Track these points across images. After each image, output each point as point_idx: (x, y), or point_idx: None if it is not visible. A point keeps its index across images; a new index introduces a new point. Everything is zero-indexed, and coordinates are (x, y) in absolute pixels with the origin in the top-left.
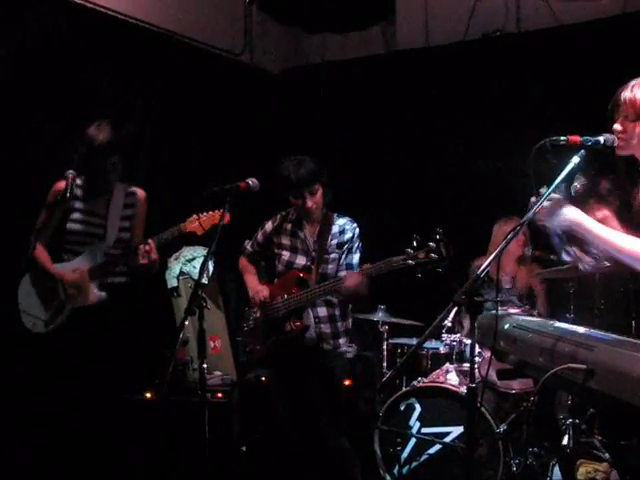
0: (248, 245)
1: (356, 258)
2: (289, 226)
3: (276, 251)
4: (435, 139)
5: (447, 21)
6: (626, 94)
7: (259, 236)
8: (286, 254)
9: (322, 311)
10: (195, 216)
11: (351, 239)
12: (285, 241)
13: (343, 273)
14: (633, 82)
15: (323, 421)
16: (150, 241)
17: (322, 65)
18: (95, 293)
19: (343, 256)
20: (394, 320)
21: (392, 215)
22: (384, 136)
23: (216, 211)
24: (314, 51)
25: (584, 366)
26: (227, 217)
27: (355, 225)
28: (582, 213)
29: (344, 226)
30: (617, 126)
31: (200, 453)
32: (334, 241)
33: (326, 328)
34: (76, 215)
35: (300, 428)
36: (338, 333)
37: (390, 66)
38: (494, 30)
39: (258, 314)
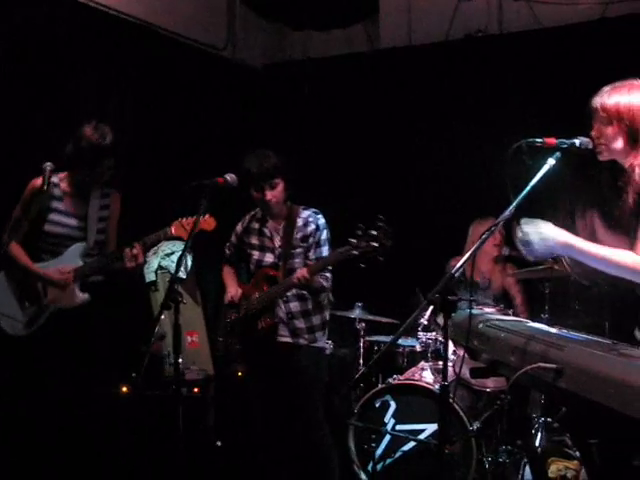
0: (226, 249)
1: (325, 251)
2: (256, 225)
3: (248, 251)
4: (417, 137)
5: (430, 20)
6: (599, 100)
7: (232, 238)
8: (255, 253)
9: (295, 306)
10: (183, 220)
11: (315, 231)
12: (254, 240)
13: None
14: (606, 88)
15: (302, 418)
16: (136, 245)
17: (305, 62)
18: (79, 294)
19: (311, 250)
20: (371, 318)
21: (371, 212)
22: (366, 133)
23: (201, 215)
24: (297, 47)
25: (554, 365)
26: (212, 222)
27: (319, 216)
28: (565, 232)
29: (307, 218)
30: (593, 132)
31: (175, 447)
32: (299, 234)
33: (300, 323)
34: (55, 216)
35: (277, 424)
36: (313, 327)
37: (373, 64)
38: (476, 31)
39: (237, 313)
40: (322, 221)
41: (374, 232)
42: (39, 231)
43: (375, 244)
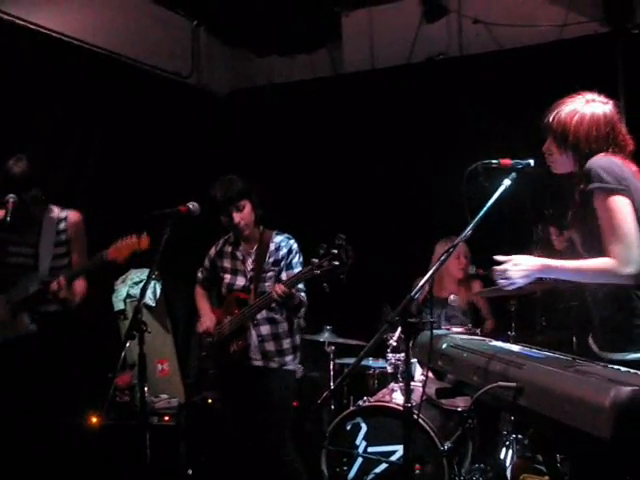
0: (199, 272)
1: (297, 271)
2: (229, 248)
3: (220, 275)
4: (381, 159)
5: (392, 45)
6: (548, 116)
7: (206, 262)
8: (227, 277)
9: (265, 329)
10: (117, 243)
11: (287, 255)
12: (226, 264)
13: None
14: (556, 104)
15: (270, 440)
16: (61, 278)
17: (269, 87)
18: (24, 324)
19: (283, 272)
20: (340, 340)
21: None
22: (330, 156)
23: (133, 236)
24: (262, 74)
25: (513, 384)
26: (145, 241)
27: (292, 241)
28: (539, 258)
29: (280, 243)
30: (544, 147)
31: (142, 477)
32: (271, 259)
33: (270, 346)
34: (10, 247)
35: (246, 446)
36: (283, 350)
37: (336, 88)
38: (437, 54)
39: (212, 339)
40: (295, 246)
41: (335, 251)
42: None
43: (336, 262)
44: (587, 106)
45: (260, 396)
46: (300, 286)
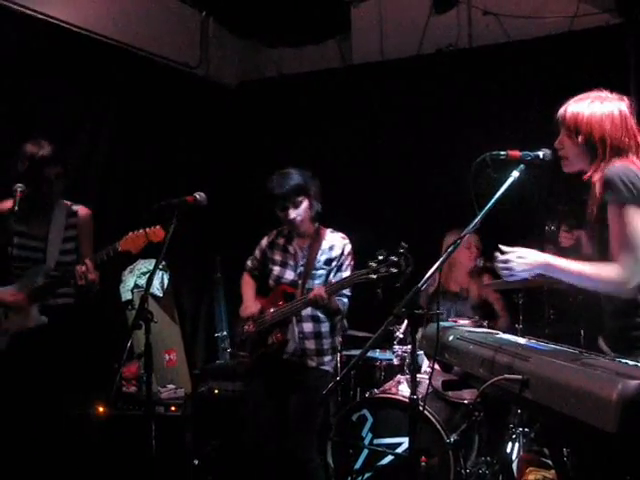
0: (249, 261)
1: (345, 276)
2: (282, 241)
3: (269, 266)
4: (389, 151)
5: (401, 36)
6: (562, 112)
7: (256, 252)
8: (276, 269)
9: (308, 327)
10: (130, 234)
11: (339, 256)
12: (277, 256)
13: None
14: (571, 100)
15: (295, 435)
16: (87, 261)
17: (278, 78)
18: (34, 316)
19: (332, 273)
20: (348, 332)
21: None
22: (339, 149)
23: (152, 227)
24: (270, 64)
25: (519, 377)
26: (159, 233)
27: (346, 242)
28: (543, 254)
29: (334, 242)
30: (556, 143)
31: (148, 467)
32: (323, 257)
33: (310, 344)
34: (19, 239)
35: (270, 440)
36: (323, 350)
37: (345, 79)
38: (447, 45)
39: (250, 326)
40: (348, 247)
41: (395, 258)
42: (7, 255)
43: (394, 270)
44: (601, 102)
45: (294, 392)
46: (345, 291)
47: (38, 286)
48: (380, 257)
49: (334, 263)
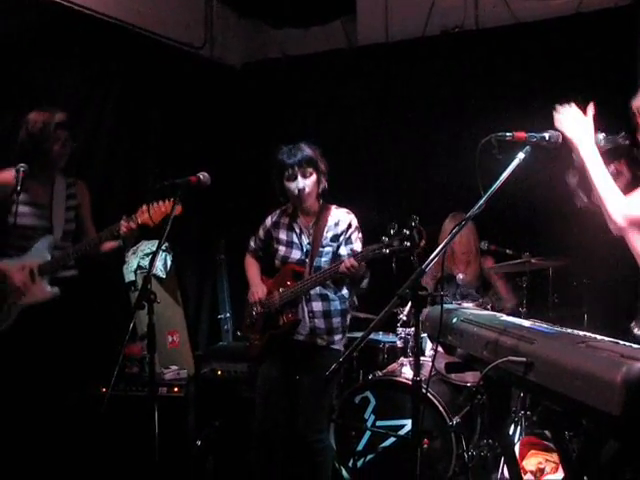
0: (252, 241)
1: (357, 247)
2: (286, 220)
3: (274, 246)
4: (395, 132)
5: (407, 17)
6: (637, 103)
7: (260, 232)
8: (282, 249)
9: (317, 306)
10: (145, 207)
11: (346, 230)
12: (282, 235)
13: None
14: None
15: (305, 416)
16: (125, 217)
17: (283, 59)
18: (47, 290)
19: (342, 247)
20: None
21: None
22: (343, 131)
23: (166, 201)
24: (275, 45)
25: (524, 359)
26: (179, 208)
27: (351, 216)
28: (589, 139)
29: (339, 218)
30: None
31: (150, 448)
32: (329, 233)
33: (320, 323)
34: (19, 207)
35: (278, 420)
36: (332, 329)
37: (351, 61)
38: (453, 27)
39: (258, 308)
40: (354, 221)
41: (407, 231)
42: (3, 225)
43: (408, 243)
44: None
45: (305, 372)
46: (358, 249)
47: (48, 260)
48: (392, 230)
49: (341, 238)
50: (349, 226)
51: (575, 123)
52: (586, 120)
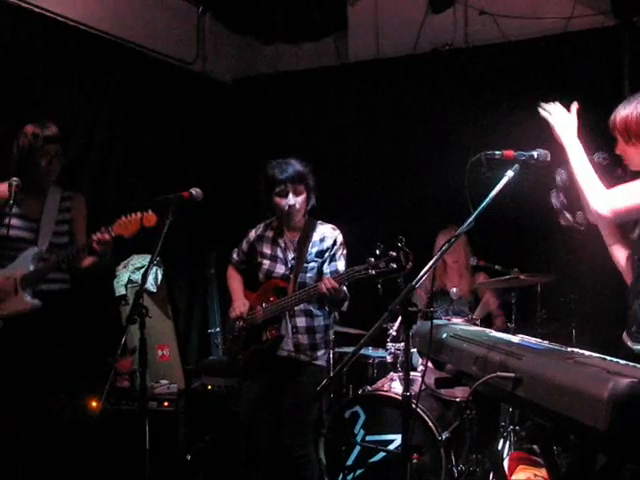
0: (234, 254)
1: (341, 265)
2: (271, 234)
3: (258, 260)
4: (384, 150)
5: (398, 35)
6: (612, 119)
7: (243, 245)
8: (266, 263)
9: (300, 321)
10: (123, 218)
11: (331, 246)
12: (266, 250)
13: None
14: (618, 106)
15: (289, 431)
16: (102, 229)
17: (275, 75)
18: (27, 300)
19: (326, 264)
20: (340, 329)
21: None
22: (333, 147)
23: (145, 212)
24: (266, 61)
25: (512, 374)
26: (153, 218)
27: (337, 232)
28: (571, 128)
29: (324, 233)
30: (617, 151)
31: (140, 462)
32: (314, 249)
33: (304, 339)
34: (11, 220)
35: (264, 436)
36: (316, 344)
37: (342, 77)
38: (443, 44)
39: (241, 323)
40: (340, 237)
41: (393, 253)
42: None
43: (394, 265)
44: None
45: (288, 388)
46: (341, 268)
47: (30, 271)
48: (377, 251)
49: (326, 255)
50: (334, 243)
51: (559, 113)
52: (570, 114)
